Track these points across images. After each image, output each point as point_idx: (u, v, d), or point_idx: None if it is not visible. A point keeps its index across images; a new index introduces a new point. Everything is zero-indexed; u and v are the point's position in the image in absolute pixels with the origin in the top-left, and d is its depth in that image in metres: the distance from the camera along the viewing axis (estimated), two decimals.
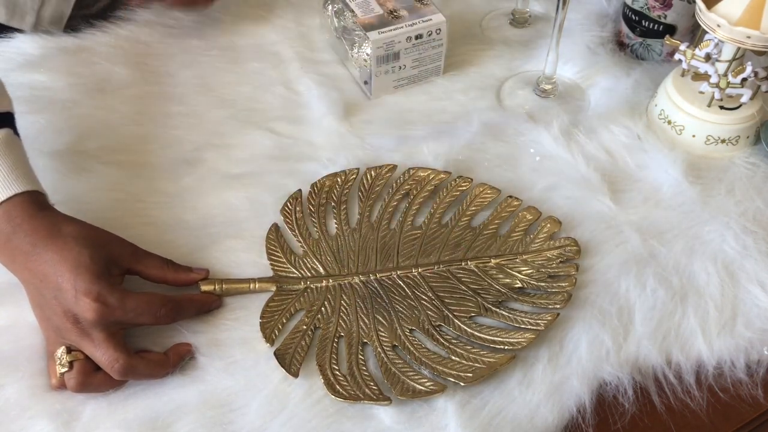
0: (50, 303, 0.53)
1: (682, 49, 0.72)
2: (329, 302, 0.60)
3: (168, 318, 0.56)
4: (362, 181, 0.69)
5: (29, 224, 0.54)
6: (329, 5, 0.81)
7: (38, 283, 0.54)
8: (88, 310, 0.52)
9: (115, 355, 0.53)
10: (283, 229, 0.65)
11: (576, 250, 0.65)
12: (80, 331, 0.53)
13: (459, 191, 0.69)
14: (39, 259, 0.53)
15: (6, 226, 0.54)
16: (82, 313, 0.52)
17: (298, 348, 0.57)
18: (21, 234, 0.54)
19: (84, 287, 0.52)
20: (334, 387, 0.55)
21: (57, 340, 0.55)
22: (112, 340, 0.53)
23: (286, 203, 0.67)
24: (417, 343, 0.58)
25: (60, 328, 0.54)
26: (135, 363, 0.54)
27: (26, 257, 0.53)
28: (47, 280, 0.53)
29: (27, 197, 0.55)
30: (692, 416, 0.57)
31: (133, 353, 0.54)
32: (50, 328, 0.55)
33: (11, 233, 0.54)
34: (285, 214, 0.66)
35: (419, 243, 0.65)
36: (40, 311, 0.55)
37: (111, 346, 0.53)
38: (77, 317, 0.53)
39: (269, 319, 0.59)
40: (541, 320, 0.59)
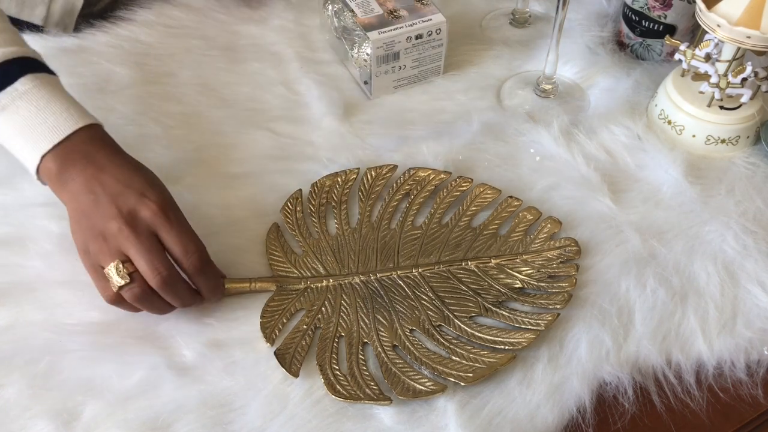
0: (105, 206, 0.55)
1: (682, 49, 0.72)
2: (329, 302, 0.60)
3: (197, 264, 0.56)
4: (362, 181, 0.69)
5: (110, 148, 0.59)
6: (329, 5, 0.81)
7: (100, 189, 0.56)
8: (149, 209, 0.55)
9: (164, 263, 0.55)
10: (283, 229, 0.65)
11: (576, 250, 0.65)
12: (132, 232, 0.54)
13: (459, 191, 0.69)
14: (111, 171, 0.57)
15: (88, 146, 0.58)
16: (142, 211, 0.55)
17: (298, 348, 0.57)
18: (101, 153, 0.58)
19: (151, 195, 0.56)
20: (335, 387, 0.55)
21: (101, 250, 0.55)
22: (161, 250, 0.55)
23: (287, 203, 0.67)
24: (417, 343, 0.58)
25: (108, 232, 0.55)
26: (178, 278, 0.56)
27: (97, 169, 0.57)
28: (112, 186, 0.56)
29: (102, 129, 0.60)
30: (692, 416, 0.57)
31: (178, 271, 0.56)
32: (94, 238, 0.55)
33: (91, 152, 0.58)
34: (285, 213, 0.66)
35: (419, 243, 0.65)
36: (87, 220, 0.56)
37: (160, 253, 0.55)
38: (134, 216, 0.55)
39: (269, 318, 0.59)
40: (542, 320, 0.59)
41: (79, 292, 0.60)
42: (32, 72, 0.59)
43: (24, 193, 0.67)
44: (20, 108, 0.58)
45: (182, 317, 0.59)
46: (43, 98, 0.58)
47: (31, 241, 0.63)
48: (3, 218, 0.65)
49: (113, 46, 0.81)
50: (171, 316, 0.59)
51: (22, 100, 0.58)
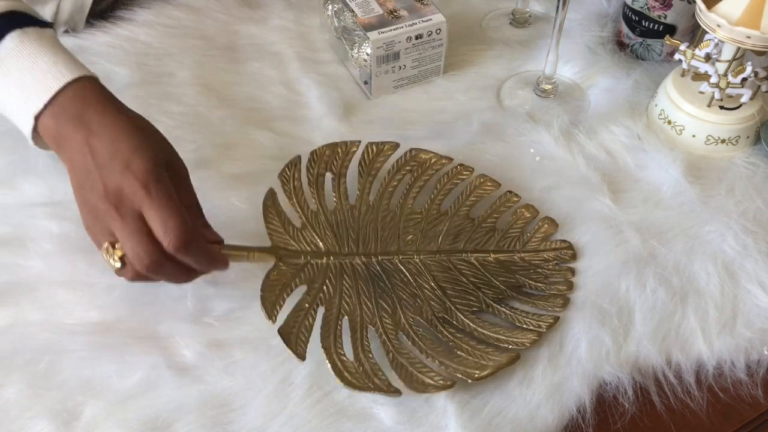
0: (94, 180, 0.53)
1: (682, 49, 0.72)
2: (330, 281, 0.60)
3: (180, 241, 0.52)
4: (363, 155, 0.68)
5: (102, 105, 0.55)
6: (329, 5, 0.81)
7: (90, 159, 0.53)
8: (131, 186, 0.52)
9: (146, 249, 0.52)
10: (280, 196, 0.64)
11: (571, 253, 0.65)
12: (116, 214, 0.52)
13: (459, 179, 0.69)
14: (100, 135, 0.53)
15: (77, 105, 0.54)
16: (124, 189, 0.52)
17: (302, 327, 0.56)
18: (91, 114, 0.54)
19: (137, 167, 0.52)
20: (342, 373, 0.54)
21: (96, 227, 0.54)
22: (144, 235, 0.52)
23: (284, 169, 0.66)
24: (421, 333, 0.58)
25: (99, 210, 0.53)
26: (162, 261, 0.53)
27: (87, 133, 0.54)
28: (100, 155, 0.53)
29: (94, 81, 0.57)
30: (692, 416, 0.57)
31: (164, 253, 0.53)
32: (90, 214, 0.54)
33: (81, 111, 0.54)
34: (283, 180, 0.65)
35: (420, 228, 0.65)
36: (81, 194, 0.54)
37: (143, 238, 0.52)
38: (118, 195, 0.52)
39: (270, 292, 0.57)
40: (543, 322, 0.59)
41: (79, 292, 0.60)
42: (22, 26, 0.56)
43: (24, 193, 0.67)
44: (10, 68, 0.55)
45: (182, 317, 0.59)
46: (30, 55, 0.55)
47: (31, 241, 0.63)
48: (3, 218, 0.65)
49: (113, 46, 0.81)
50: (171, 315, 0.59)
51: (10, 59, 0.55)
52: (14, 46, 0.55)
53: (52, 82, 0.54)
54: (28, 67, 0.55)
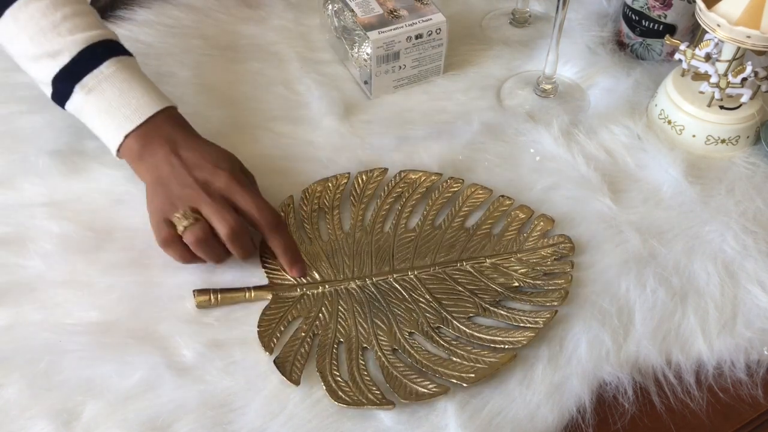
0: (181, 175, 0.61)
1: (682, 49, 0.72)
2: (326, 308, 0.60)
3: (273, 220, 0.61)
4: (353, 185, 0.69)
5: (185, 129, 0.65)
6: (329, 5, 0.81)
7: (177, 162, 0.61)
8: (222, 179, 0.60)
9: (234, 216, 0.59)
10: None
11: (570, 247, 0.65)
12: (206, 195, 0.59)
13: (451, 192, 0.69)
14: (187, 147, 0.62)
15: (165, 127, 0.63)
16: (216, 181, 0.60)
17: (297, 355, 0.57)
18: (178, 132, 0.63)
19: (224, 166, 0.61)
20: (336, 393, 0.55)
21: (174, 204, 0.60)
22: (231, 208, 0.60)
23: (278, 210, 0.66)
24: (417, 345, 0.58)
25: (183, 195, 0.60)
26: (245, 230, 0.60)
27: (175, 146, 0.62)
28: (189, 159, 0.61)
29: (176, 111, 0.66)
30: (692, 416, 0.57)
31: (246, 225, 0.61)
32: (168, 200, 0.60)
33: (169, 131, 0.63)
34: None
35: (414, 245, 0.65)
36: (164, 186, 0.61)
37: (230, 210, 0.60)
38: (209, 184, 0.60)
39: (267, 327, 0.59)
40: (540, 318, 0.59)
41: (79, 292, 0.60)
42: (115, 55, 0.64)
43: (24, 193, 0.67)
44: (105, 90, 0.63)
45: (182, 317, 0.59)
46: (125, 81, 0.63)
47: (31, 241, 0.63)
48: (3, 218, 0.65)
49: None
50: (171, 315, 0.59)
51: (107, 82, 0.63)
52: (111, 72, 0.63)
53: (145, 108, 0.63)
54: (124, 91, 0.63)
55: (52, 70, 0.63)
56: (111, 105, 0.63)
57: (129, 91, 0.63)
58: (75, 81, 0.63)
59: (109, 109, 0.63)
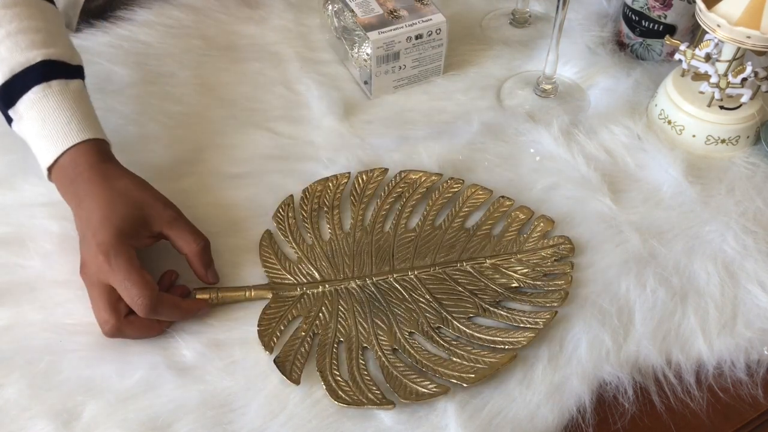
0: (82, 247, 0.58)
1: (682, 49, 0.72)
2: (326, 308, 0.60)
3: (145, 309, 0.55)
4: (354, 185, 0.69)
5: (88, 173, 0.59)
6: (329, 5, 0.81)
7: (80, 227, 0.58)
8: (95, 262, 0.56)
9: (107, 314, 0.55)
10: (276, 235, 0.65)
11: (570, 248, 0.65)
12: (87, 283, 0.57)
13: (451, 192, 0.69)
14: (85, 207, 0.58)
15: (71, 171, 0.59)
16: (92, 266, 0.56)
17: (297, 355, 0.57)
18: (80, 181, 0.59)
19: (100, 239, 0.56)
20: (336, 393, 0.55)
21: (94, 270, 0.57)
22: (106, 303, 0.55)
23: (278, 209, 0.67)
24: (417, 345, 0.58)
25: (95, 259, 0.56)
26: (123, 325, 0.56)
27: (79, 203, 0.59)
28: (81, 227, 0.58)
29: (93, 145, 0.60)
30: (692, 416, 0.57)
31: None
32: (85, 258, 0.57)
33: (73, 179, 0.59)
34: (277, 220, 0.66)
35: (414, 245, 0.65)
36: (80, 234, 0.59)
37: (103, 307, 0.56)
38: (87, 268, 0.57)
39: (267, 326, 0.59)
40: (540, 319, 0.59)
41: (79, 292, 0.60)
42: (46, 80, 0.60)
43: (24, 193, 0.67)
44: (31, 118, 0.60)
45: None
46: (48, 109, 0.60)
47: (31, 241, 0.63)
48: (3, 218, 0.65)
49: (113, 46, 0.80)
50: None
51: (33, 110, 0.60)
52: (37, 99, 0.60)
53: (60, 142, 0.59)
54: (45, 121, 0.59)
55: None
56: (36, 134, 0.60)
57: (49, 121, 0.59)
58: (8, 106, 0.61)
59: (35, 138, 0.60)
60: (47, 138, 0.59)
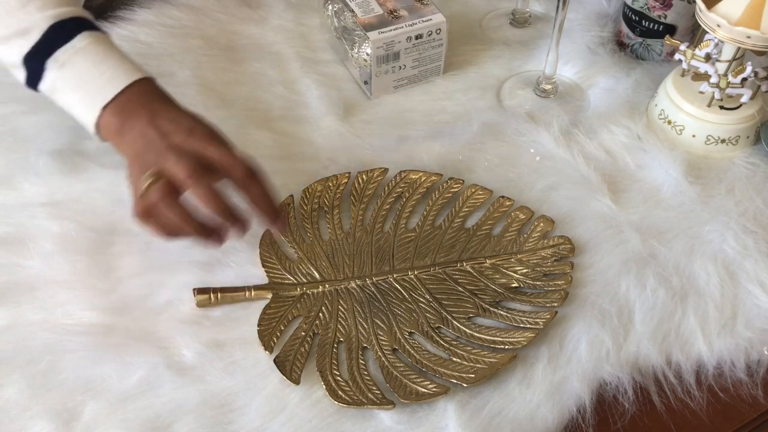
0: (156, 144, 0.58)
1: (682, 49, 0.72)
2: (326, 307, 0.60)
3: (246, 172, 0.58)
4: (354, 185, 0.69)
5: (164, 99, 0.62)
6: (329, 5, 0.81)
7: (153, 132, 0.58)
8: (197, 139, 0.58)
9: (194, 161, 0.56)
10: (276, 236, 0.65)
11: (570, 248, 0.65)
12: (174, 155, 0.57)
13: (451, 193, 0.69)
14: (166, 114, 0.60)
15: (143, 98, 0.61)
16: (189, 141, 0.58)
17: (297, 354, 0.57)
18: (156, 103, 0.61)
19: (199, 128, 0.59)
20: (336, 393, 0.55)
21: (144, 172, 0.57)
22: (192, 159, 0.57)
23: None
24: (417, 345, 0.58)
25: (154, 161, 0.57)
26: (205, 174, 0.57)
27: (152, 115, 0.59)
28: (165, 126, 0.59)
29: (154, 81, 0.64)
30: (692, 416, 0.57)
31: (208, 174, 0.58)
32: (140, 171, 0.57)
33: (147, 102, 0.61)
34: None
35: (414, 245, 0.65)
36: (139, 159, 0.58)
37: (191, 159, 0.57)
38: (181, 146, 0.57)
39: (267, 326, 0.59)
40: (540, 319, 0.59)
41: (79, 292, 0.60)
42: (87, 29, 0.62)
43: (24, 193, 0.67)
44: (78, 63, 0.60)
45: (182, 317, 0.59)
46: (99, 53, 0.61)
47: (31, 241, 0.63)
48: (3, 218, 0.65)
49: None
50: (171, 316, 0.59)
51: (80, 55, 0.61)
52: (84, 45, 0.61)
53: (120, 79, 0.60)
54: (97, 63, 0.61)
55: (23, 49, 0.61)
56: (85, 78, 0.60)
57: (103, 63, 0.61)
58: (47, 57, 0.60)
59: (83, 83, 0.60)
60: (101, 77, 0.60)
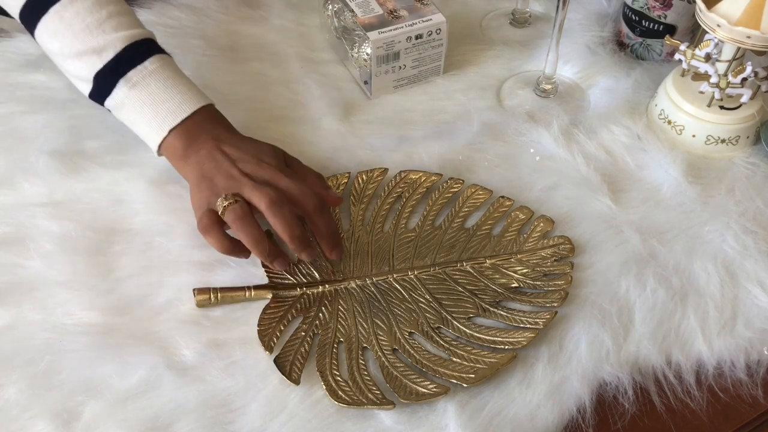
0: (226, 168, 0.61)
1: (682, 49, 0.72)
2: (326, 308, 0.60)
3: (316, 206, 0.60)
4: (354, 185, 0.69)
5: (226, 125, 0.66)
6: (329, 5, 0.81)
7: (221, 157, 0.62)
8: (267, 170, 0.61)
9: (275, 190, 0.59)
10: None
11: (570, 248, 0.65)
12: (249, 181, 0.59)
13: (451, 193, 0.69)
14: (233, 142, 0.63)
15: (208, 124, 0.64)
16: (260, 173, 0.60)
17: (297, 355, 0.57)
18: (220, 128, 0.65)
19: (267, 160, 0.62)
20: (336, 393, 0.55)
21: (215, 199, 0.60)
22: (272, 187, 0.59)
23: None
24: (417, 346, 0.58)
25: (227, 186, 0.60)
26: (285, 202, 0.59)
27: (218, 142, 0.63)
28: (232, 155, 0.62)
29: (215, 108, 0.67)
30: (692, 416, 0.57)
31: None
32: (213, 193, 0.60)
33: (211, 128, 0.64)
34: None
35: (414, 245, 0.65)
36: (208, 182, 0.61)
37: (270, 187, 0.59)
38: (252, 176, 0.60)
39: (267, 326, 0.59)
40: (540, 319, 0.59)
41: (79, 292, 0.60)
42: (157, 53, 0.65)
43: (24, 193, 0.67)
44: (150, 85, 0.64)
45: (182, 317, 0.59)
46: (169, 78, 0.65)
47: (31, 241, 0.63)
48: (3, 218, 0.65)
49: None
50: (171, 316, 0.59)
51: (152, 78, 0.64)
52: (155, 68, 0.64)
53: (188, 104, 0.64)
54: (168, 87, 0.64)
55: (95, 66, 0.64)
56: (155, 100, 0.63)
57: (173, 87, 0.64)
58: (119, 76, 0.64)
59: (152, 104, 0.63)
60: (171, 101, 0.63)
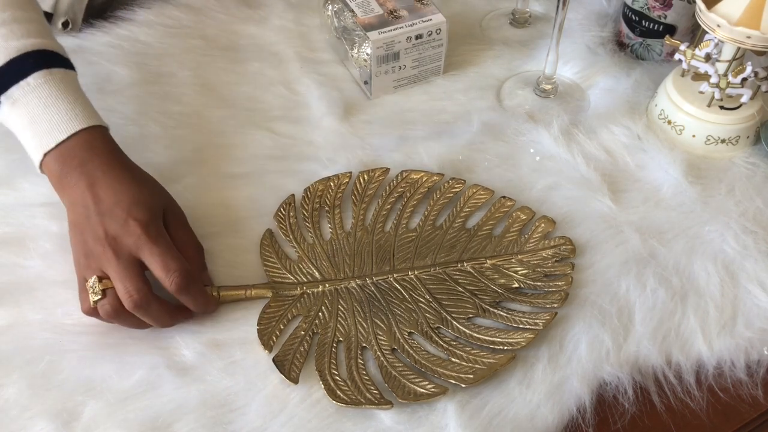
0: (94, 224, 0.56)
1: (682, 49, 0.72)
2: (326, 307, 0.60)
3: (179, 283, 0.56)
4: (355, 184, 0.69)
5: (108, 157, 0.59)
6: (329, 5, 0.81)
7: (92, 204, 0.57)
8: (132, 234, 0.56)
9: (137, 286, 0.55)
10: (277, 235, 0.65)
11: (571, 249, 0.65)
12: (113, 255, 0.55)
13: (452, 193, 0.69)
14: (104, 185, 0.58)
15: (82, 153, 0.59)
16: (125, 237, 0.56)
17: (296, 354, 0.57)
18: (97, 163, 0.58)
19: (138, 216, 0.56)
20: (335, 392, 0.55)
21: (87, 265, 0.56)
22: (138, 274, 0.55)
23: (280, 208, 0.67)
24: (416, 346, 0.58)
25: (93, 251, 0.56)
26: (150, 300, 0.55)
27: (92, 181, 0.58)
28: (103, 203, 0.57)
29: (104, 131, 0.61)
30: (692, 416, 0.57)
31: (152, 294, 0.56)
32: (83, 252, 0.57)
33: (87, 159, 0.58)
34: (279, 219, 0.66)
35: (414, 245, 0.65)
36: (79, 234, 0.57)
37: (135, 277, 0.55)
38: (117, 240, 0.56)
39: (266, 325, 0.59)
40: (540, 320, 0.59)
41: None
42: (47, 67, 0.60)
43: (24, 193, 0.67)
44: (29, 103, 0.59)
45: None
46: (51, 95, 0.59)
47: (31, 241, 0.63)
48: (3, 218, 0.65)
49: (113, 46, 0.81)
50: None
51: (33, 95, 0.59)
52: (38, 84, 0.59)
53: (67, 125, 0.59)
54: (48, 105, 0.59)
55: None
56: (34, 119, 0.59)
57: (53, 106, 0.59)
58: (1, 92, 0.59)
59: (32, 123, 0.59)
60: (49, 122, 0.59)
